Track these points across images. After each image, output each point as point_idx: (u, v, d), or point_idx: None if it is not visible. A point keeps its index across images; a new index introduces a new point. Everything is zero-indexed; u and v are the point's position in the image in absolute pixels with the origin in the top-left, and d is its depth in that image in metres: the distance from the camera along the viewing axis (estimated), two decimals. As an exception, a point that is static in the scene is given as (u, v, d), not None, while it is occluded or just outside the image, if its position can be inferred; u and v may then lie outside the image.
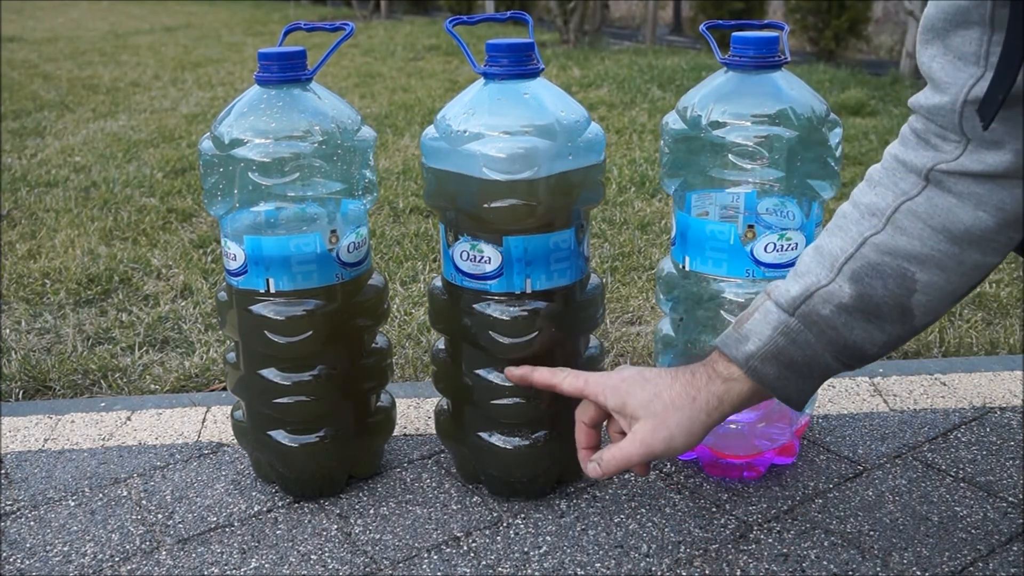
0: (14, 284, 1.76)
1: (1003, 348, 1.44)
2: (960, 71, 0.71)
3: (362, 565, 0.92)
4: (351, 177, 0.95)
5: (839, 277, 0.78)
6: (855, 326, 0.78)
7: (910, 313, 0.77)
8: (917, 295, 0.77)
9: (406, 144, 2.90)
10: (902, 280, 0.76)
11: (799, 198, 0.96)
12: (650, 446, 0.81)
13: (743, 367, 0.80)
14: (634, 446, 0.82)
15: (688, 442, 0.81)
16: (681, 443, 0.81)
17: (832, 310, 0.78)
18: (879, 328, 0.78)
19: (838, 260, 0.78)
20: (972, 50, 0.71)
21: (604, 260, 1.84)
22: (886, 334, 0.78)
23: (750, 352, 0.80)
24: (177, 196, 2.34)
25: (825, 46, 4.69)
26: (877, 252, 0.77)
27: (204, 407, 1.26)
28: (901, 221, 0.77)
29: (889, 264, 0.77)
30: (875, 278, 0.77)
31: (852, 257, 0.78)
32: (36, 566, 0.93)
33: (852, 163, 2.55)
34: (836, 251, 0.79)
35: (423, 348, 1.47)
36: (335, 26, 0.99)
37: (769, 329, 0.79)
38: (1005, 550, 0.91)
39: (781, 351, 0.79)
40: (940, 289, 0.76)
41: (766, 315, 0.80)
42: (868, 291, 0.77)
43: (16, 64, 5.01)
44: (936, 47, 0.73)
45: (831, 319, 0.78)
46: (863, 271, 0.77)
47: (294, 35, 1.02)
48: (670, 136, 1.00)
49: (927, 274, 0.76)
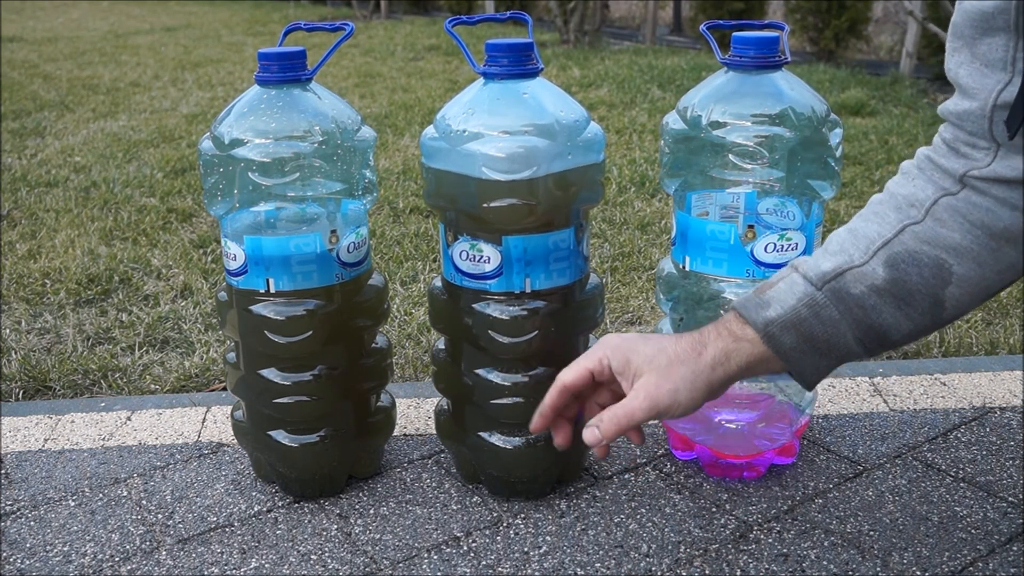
0: (14, 284, 1.76)
1: (1003, 348, 1.44)
2: (987, 77, 0.71)
3: (362, 565, 0.92)
4: (351, 177, 0.95)
5: (874, 260, 0.77)
6: (884, 309, 0.76)
7: (941, 305, 0.76)
8: (951, 287, 0.76)
9: (406, 144, 2.90)
10: (938, 271, 0.75)
11: (799, 198, 0.96)
12: (655, 399, 0.77)
13: (760, 332, 0.77)
14: (638, 400, 0.78)
15: (692, 398, 0.78)
16: (685, 398, 0.77)
17: (863, 290, 0.76)
18: (907, 315, 0.76)
19: (874, 243, 0.77)
20: (999, 56, 0.71)
21: (604, 260, 1.84)
22: (913, 322, 0.77)
23: (770, 318, 0.77)
24: (177, 196, 2.34)
25: (825, 46, 4.69)
26: (916, 240, 0.76)
27: (204, 407, 1.26)
28: (940, 214, 0.76)
29: (928, 253, 0.76)
30: (911, 265, 0.76)
31: (890, 243, 0.77)
32: (36, 566, 0.93)
33: (852, 163, 2.55)
34: (872, 235, 0.78)
35: (423, 348, 1.47)
36: (335, 26, 0.99)
37: (793, 299, 0.77)
38: (1005, 550, 0.91)
39: (802, 322, 0.77)
40: (974, 284, 0.76)
41: (792, 285, 0.78)
42: (903, 277, 0.76)
43: (16, 64, 5.01)
44: (963, 54, 0.73)
45: (861, 299, 0.76)
46: (900, 257, 0.76)
47: (294, 35, 1.02)
48: (670, 136, 1.00)
49: (963, 267, 0.75)
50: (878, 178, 2.40)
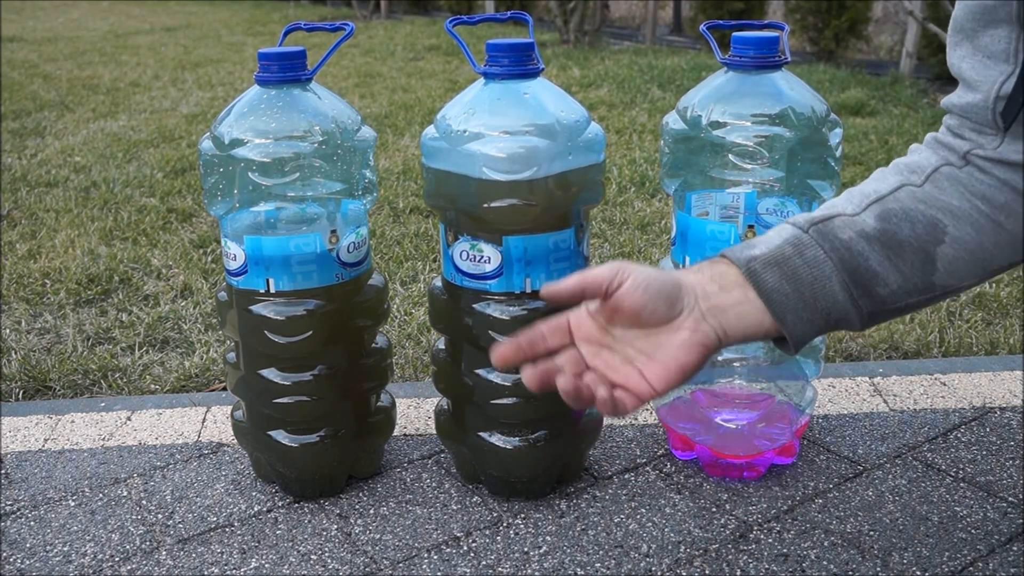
0: (14, 284, 1.76)
1: (1003, 348, 1.44)
2: (990, 69, 0.71)
3: (362, 565, 0.92)
4: (351, 177, 0.95)
5: (866, 212, 0.74)
6: (871, 255, 0.73)
7: (932, 264, 0.73)
8: (944, 247, 0.73)
9: (406, 144, 2.90)
10: (932, 228, 0.73)
11: (799, 198, 0.96)
12: (619, 263, 0.71)
13: (743, 268, 0.72)
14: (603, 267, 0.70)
15: (660, 272, 0.71)
16: (651, 269, 0.71)
17: (851, 235, 0.73)
18: (896, 267, 0.73)
19: (868, 198, 0.75)
20: (1001, 48, 0.71)
21: (604, 260, 1.84)
22: (902, 276, 0.73)
23: (753, 255, 0.73)
24: (177, 196, 2.34)
25: (825, 46, 4.69)
26: (912, 199, 0.74)
27: (204, 407, 1.26)
28: (941, 182, 0.74)
29: (922, 211, 0.74)
30: (903, 220, 0.73)
31: (884, 198, 0.75)
32: (36, 566, 0.93)
33: (852, 163, 2.55)
34: (868, 191, 0.76)
35: (423, 348, 1.47)
36: (335, 26, 0.99)
37: (779, 239, 0.73)
38: (1005, 550, 0.91)
39: (787, 260, 0.72)
40: (969, 250, 0.73)
41: (780, 231, 0.75)
42: (894, 229, 0.73)
43: (16, 64, 5.01)
44: (965, 48, 0.73)
45: (847, 242, 0.73)
46: (893, 212, 0.74)
47: (294, 35, 1.02)
48: (670, 136, 1.00)
49: (959, 230, 0.73)
50: (878, 178, 2.40)
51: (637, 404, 0.71)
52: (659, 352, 0.71)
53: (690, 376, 0.71)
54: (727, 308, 0.71)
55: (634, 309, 0.70)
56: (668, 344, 0.71)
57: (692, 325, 0.71)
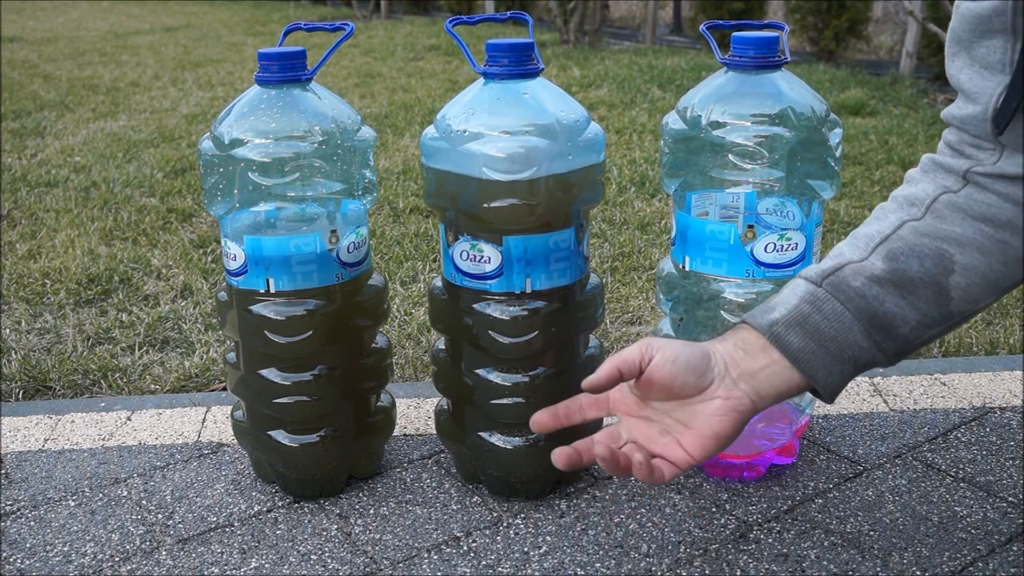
0: (14, 284, 1.76)
1: (1003, 348, 1.44)
2: (987, 80, 0.71)
3: (362, 565, 0.92)
4: (351, 177, 0.95)
5: (873, 256, 0.75)
6: (886, 298, 0.74)
7: (946, 294, 0.74)
8: (955, 276, 0.74)
9: (406, 144, 2.90)
10: (939, 260, 0.74)
11: (799, 198, 0.96)
12: (648, 340, 0.74)
13: (766, 333, 0.74)
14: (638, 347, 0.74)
15: (687, 345, 0.74)
16: (679, 344, 0.74)
17: (863, 282, 0.74)
18: (912, 304, 0.74)
19: (873, 240, 0.76)
20: (998, 58, 0.70)
21: (604, 260, 1.84)
22: (920, 312, 0.74)
23: (774, 319, 0.75)
24: (177, 196, 2.34)
25: (825, 46, 4.69)
26: (915, 234, 0.75)
27: (204, 407, 1.26)
28: (941, 211, 0.75)
29: (927, 245, 0.74)
30: (911, 257, 0.74)
31: (888, 238, 0.75)
32: (36, 566, 0.93)
33: (852, 163, 2.55)
34: (872, 233, 0.77)
35: (423, 348, 1.47)
36: (335, 26, 0.99)
37: (796, 299, 0.75)
38: (1005, 550, 0.91)
39: (806, 319, 0.74)
40: (980, 274, 0.74)
41: (794, 288, 0.77)
42: (902, 267, 0.74)
43: (16, 64, 5.01)
44: (962, 59, 0.73)
45: (861, 289, 0.74)
46: (899, 251, 0.75)
47: (294, 35, 1.02)
48: (670, 136, 1.00)
49: (967, 257, 0.74)
50: (878, 178, 2.40)
51: (675, 472, 0.74)
52: (694, 421, 0.74)
53: (726, 443, 0.74)
54: (756, 372, 0.74)
55: (665, 382, 0.73)
56: (702, 412, 0.74)
57: (724, 393, 0.73)
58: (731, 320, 0.99)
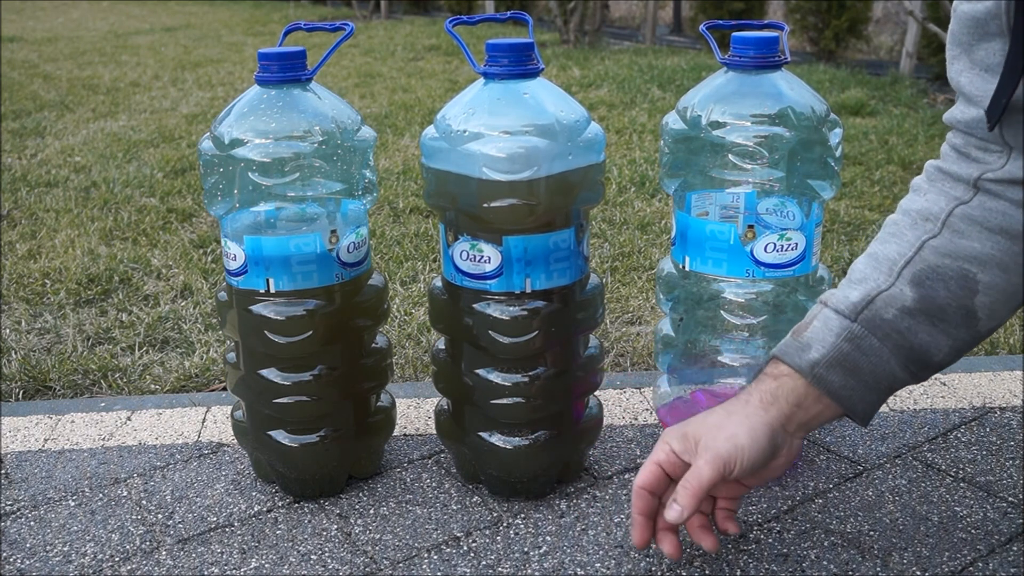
0: (14, 284, 1.76)
1: (1003, 348, 1.44)
2: (988, 82, 0.71)
3: (362, 565, 0.92)
4: (351, 177, 0.95)
5: (899, 281, 0.76)
6: (919, 330, 0.76)
7: (974, 316, 0.76)
8: (980, 296, 0.75)
9: (406, 144, 2.90)
10: (964, 282, 0.75)
11: (799, 198, 0.96)
12: (715, 451, 0.78)
13: (807, 375, 0.78)
14: (701, 460, 0.78)
15: (754, 440, 0.78)
16: (747, 441, 0.77)
17: (895, 314, 0.76)
18: (944, 332, 0.76)
19: (897, 264, 0.77)
20: (996, 61, 0.71)
21: (604, 260, 1.84)
22: (951, 338, 0.77)
23: (814, 360, 0.78)
24: (177, 196, 2.34)
25: (825, 46, 4.69)
26: (937, 255, 0.76)
27: (204, 407, 1.26)
28: (957, 224, 0.76)
29: (950, 267, 0.75)
30: (937, 281, 0.76)
31: (911, 261, 0.77)
32: (36, 566, 0.93)
33: (852, 163, 2.55)
34: (893, 255, 0.78)
35: (423, 348, 1.47)
36: (335, 26, 0.99)
37: (832, 336, 0.77)
38: (1005, 550, 0.91)
39: (846, 357, 0.77)
40: (1002, 291, 0.75)
41: (826, 322, 0.78)
42: (931, 294, 0.76)
43: (16, 64, 5.01)
44: (962, 62, 0.73)
45: (895, 323, 0.76)
46: (924, 274, 0.76)
47: (294, 35, 1.02)
48: (670, 136, 1.00)
49: (988, 275, 0.75)
50: (878, 178, 2.40)
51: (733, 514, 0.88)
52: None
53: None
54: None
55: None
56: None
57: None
58: (731, 320, 1.00)
